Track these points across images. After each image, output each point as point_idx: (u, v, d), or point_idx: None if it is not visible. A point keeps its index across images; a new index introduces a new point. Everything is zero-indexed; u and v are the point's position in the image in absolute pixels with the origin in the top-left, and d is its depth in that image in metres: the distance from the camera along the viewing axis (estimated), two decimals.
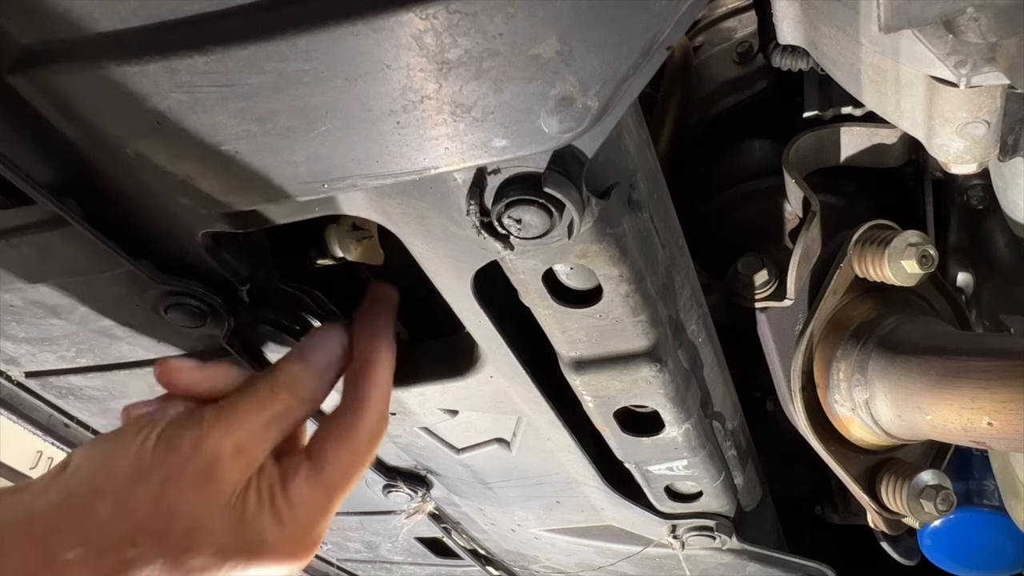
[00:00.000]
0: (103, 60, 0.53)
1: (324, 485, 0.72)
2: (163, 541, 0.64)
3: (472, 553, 1.53)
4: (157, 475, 0.65)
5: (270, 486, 0.70)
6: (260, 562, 0.69)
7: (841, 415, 1.02)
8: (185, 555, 0.65)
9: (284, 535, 0.70)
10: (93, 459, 0.66)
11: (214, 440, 0.66)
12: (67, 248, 0.73)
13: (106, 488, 0.64)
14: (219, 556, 0.66)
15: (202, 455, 0.66)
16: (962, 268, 1.21)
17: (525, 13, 0.48)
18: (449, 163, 0.56)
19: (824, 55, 0.81)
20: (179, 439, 0.66)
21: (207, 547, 0.66)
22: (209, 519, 0.66)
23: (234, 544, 0.67)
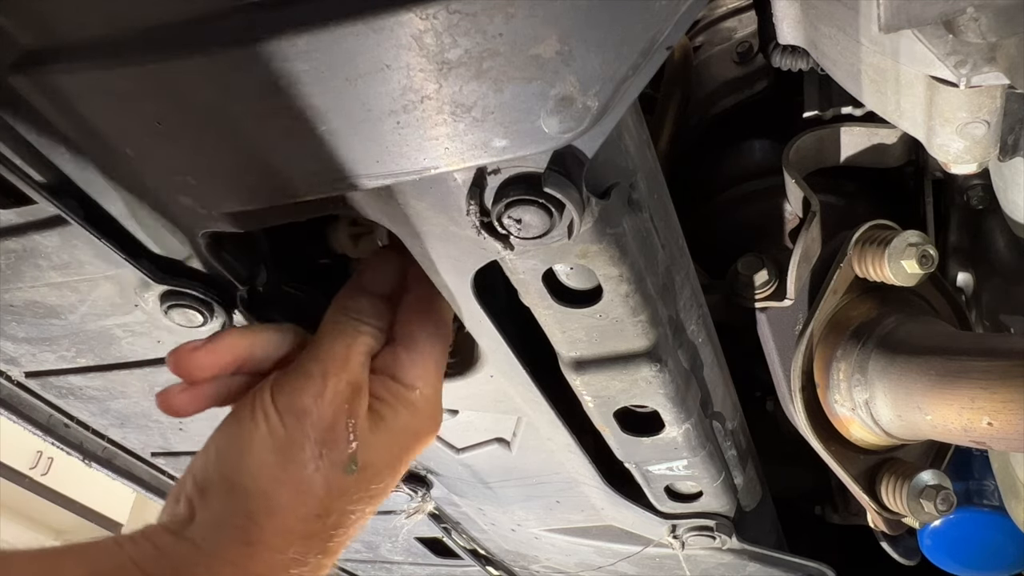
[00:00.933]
0: (103, 60, 0.53)
1: (425, 358, 0.75)
2: (347, 493, 0.68)
3: (472, 553, 1.53)
4: (306, 442, 0.66)
5: (385, 386, 0.73)
6: (416, 446, 0.75)
7: (841, 415, 1.02)
8: (370, 490, 0.70)
9: (420, 415, 0.74)
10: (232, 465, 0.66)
11: (331, 388, 0.68)
12: (67, 248, 0.73)
13: (268, 481, 0.65)
14: (391, 467, 0.72)
15: (331, 405, 0.68)
16: (962, 268, 1.21)
17: (525, 13, 0.48)
18: (449, 163, 0.56)
19: (824, 55, 0.81)
20: (300, 402, 0.67)
21: (379, 469, 0.71)
22: (367, 453, 0.69)
23: (395, 450, 0.73)
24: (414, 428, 0.74)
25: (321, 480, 0.66)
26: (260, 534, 0.64)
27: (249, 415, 0.67)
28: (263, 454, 0.66)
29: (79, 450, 1.24)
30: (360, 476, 0.69)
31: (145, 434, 1.20)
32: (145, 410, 1.11)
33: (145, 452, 1.28)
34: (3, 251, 0.74)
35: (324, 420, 0.67)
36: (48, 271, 0.77)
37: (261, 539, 0.64)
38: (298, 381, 0.68)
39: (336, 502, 0.67)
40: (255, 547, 0.64)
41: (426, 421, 0.76)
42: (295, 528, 0.65)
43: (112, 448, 1.26)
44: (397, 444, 0.73)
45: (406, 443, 0.74)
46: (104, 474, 1.33)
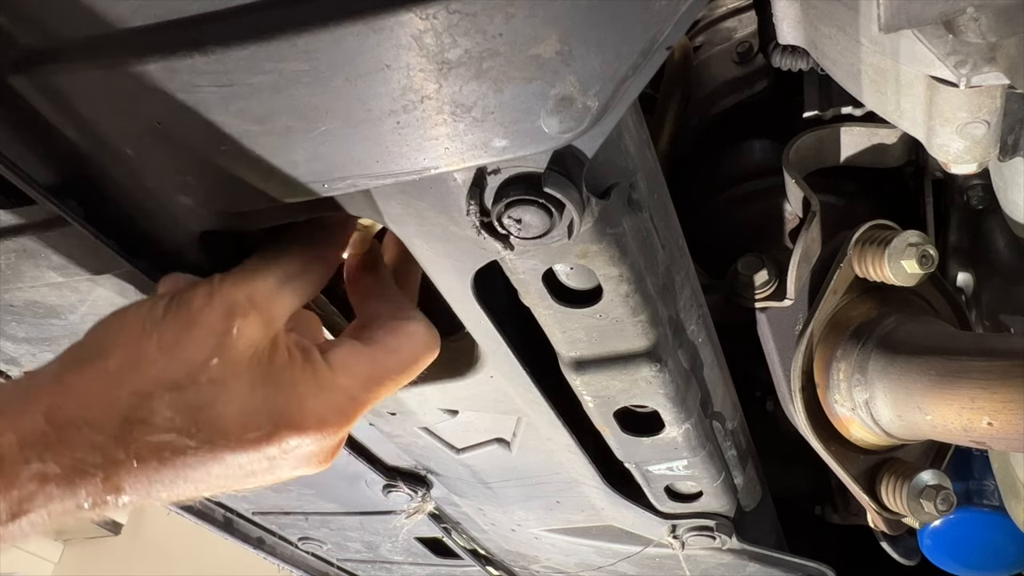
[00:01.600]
0: (103, 60, 0.53)
1: (370, 358, 0.67)
2: (177, 393, 0.58)
3: (472, 553, 1.53)
4: (169, 328, 0.60)
5: (305, 348, 0.64)
6: (288, 425, 0.62)
7: (841, 415, 1.02)
8: (203, 411, 0.59)
9: (318, 396, 0.63)
10: (106, 323, 0.62)
11: (226, 291, 0.62)
12: (67, 248, 0.73)
13: (116, 343, 0.60)
14: (241, 414, 0.60)
15: (214, 306, 0.61)
16: (962, 268, 1.21)
17: (525, 13, 0.48)
18: (449, 163, 0.56)
19: (824, 55, 0.81)
20: (189, 294, 0.62)
21: (227, 402, 0.60)
22: (228, 370, 0.60)
23: (258, 402, 0.61)
24: (301, 406, 0.62)
25: (159, 365, 0.58)
26: (70, 376, 0.58)
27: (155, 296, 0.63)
28: (131, 320, 0.61)
29: None
30: (202, 390, 0.59)
31: None
32: None
33: None
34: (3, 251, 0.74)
35: (199, 315, 0.60)
36: (48, 271, 0.77)
37: (68, 381, 0.58)
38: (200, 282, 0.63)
39: (160, 394, 0.58)
40: (61, 386, 0.58)
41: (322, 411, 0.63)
42: (103, 392, 0.57)
43: None
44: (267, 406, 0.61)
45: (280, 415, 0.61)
46: None
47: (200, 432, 0.59)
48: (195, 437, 0.59)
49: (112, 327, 0.62)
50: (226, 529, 1.54)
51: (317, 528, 1.54)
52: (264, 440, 0.61)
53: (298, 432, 0.62)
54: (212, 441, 0.59)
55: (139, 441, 0.57)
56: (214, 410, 0.59)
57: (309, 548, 1.64)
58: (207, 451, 0.59)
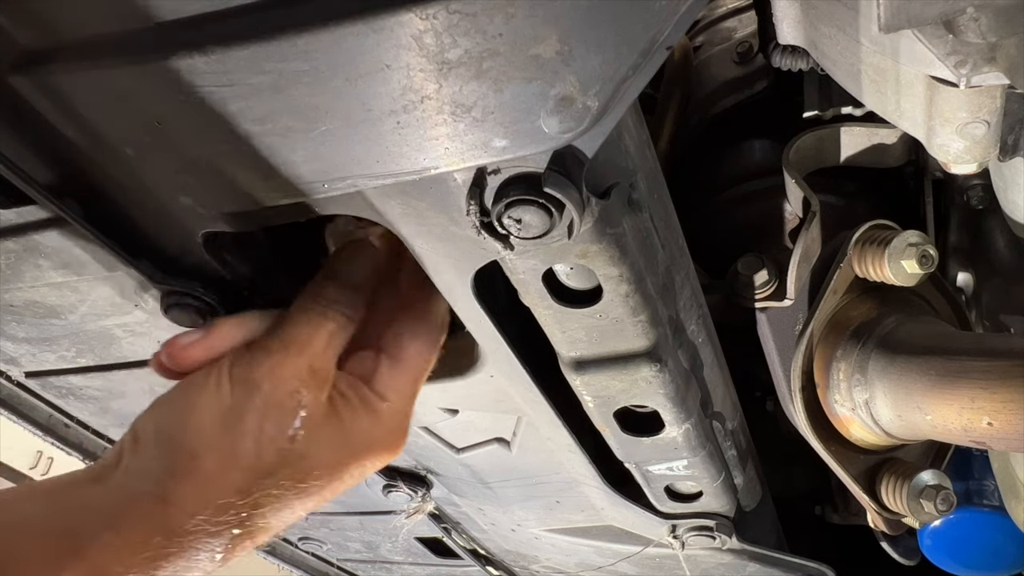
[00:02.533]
0: (103, 60, 0.53)
1: (406, 372, 0.74)
2: (277, 475, 0.65)
3: (472, 553, 1.53)
4: (249, 414, 0.65)
5: (353, 388, 0.71)
6: (368, 458, 0.72)
7: (841, 415, 1.02)
8: (304, 481, 0.67)
9: (382, 427, 0.72)
10: (170, 421, 0.65)
11: (290, 366, 0.67)
12: (67, 248, 0.73)
13: (200, 444, 0.63)
14: (333, 468, 0.69)
15: (283, 383, 0.66)
16: (962, 268, 1.21)
17: (525, 13, 0.48)
18: (449, 163, 0.56)
19: (824, 55, 0.81)
20: (254, 374, 0.66)
21: (320, 465, 0.68)
22: (312, 440, 0.67)
23: (343, 452, 0.69)
24: (370, 437, 0.72)
25: (252, 454, 0.64)
26: (175, 492, 0.62)
27: (203, 379, 0.66)
28: (204, 415, 0.64)
29: (79, 450, 1.24)
30: (296, 463, 0.66)
31: None
32: None
33: None
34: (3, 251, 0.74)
35: (272, 396, 0.65)
36: (48, 271, 0.77)
37: (174, 497, 0.62)
38: (256, 355, 0.67)
39: (262, 481, 0.65)
40: (167, 504, 0.62)
41: (386, 435, 0.73)
42: (213, 495, 0.63)
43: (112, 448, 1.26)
44: (347, 446, 0.70)
45: (357, 449, 0.71)
46: None
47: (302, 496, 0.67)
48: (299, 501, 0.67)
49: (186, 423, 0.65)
50: None
51: (317, 528, 1.54)
52: (352, 477, 0.71)
53: (373, 456, 0.72)
54: (313, 496, 0.68)
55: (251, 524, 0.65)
56: (310, 476, 0.67)
57: (309, 548, 1.64)
58: (310, 503, 0.69)
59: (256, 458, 0.64)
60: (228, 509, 0.63)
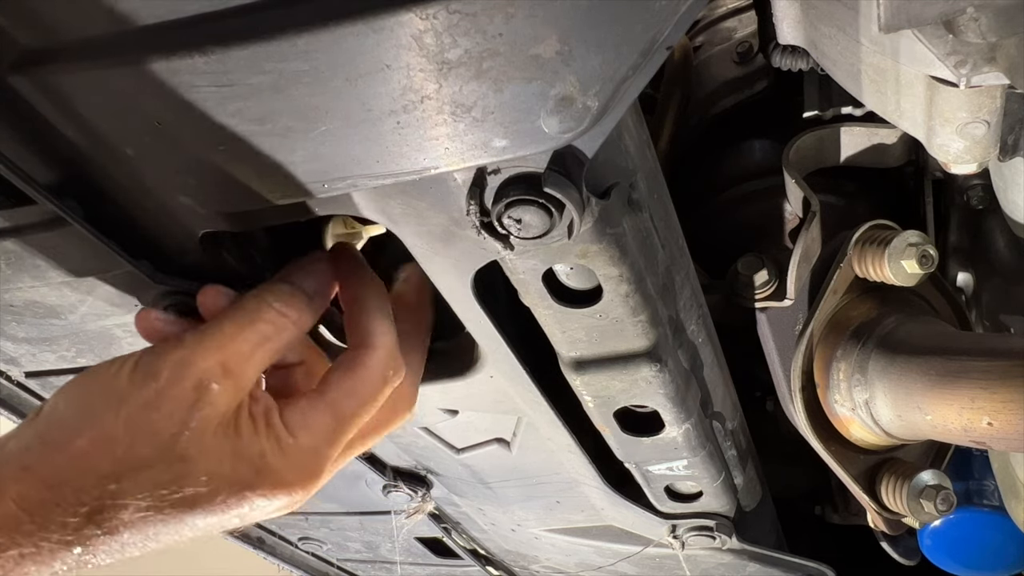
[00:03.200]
0: (103, 60, 0.53)
1: (329, 409, 0.67)
2: (147, 472, 0.59)
3: (472, 553, 1.53)
4: (135, 402, 0.60)
5: (266, 411, 0.65)
6: (258, 491, 0.63)
7: (841, 415, 1.02)
8: (173, 486, 0.60)
9: (284, 461, 0.64)
10: (68, 396, 0.62)
11: (198, 360, 0.62)
12: (67, 248, 0.73)
13: (81, 422, 0.60)
14: (212, 486, 0.61)
15: (185, 377, 0.61)
16: (962, 268, 1.21)
17: (525, 13, 0.48)
18: (449, 163, 0.56)
19: (824, 55, 0.81)
20: (158, 364, 0.61)
21: (197, 476, 0.61)
22: (197, 446, 0.61)
23: (227, 472, 0.62)
24: (266, 467, 0.63)
25: (126, 442, 0.59)
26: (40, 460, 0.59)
27: (112, 360, 0.63)
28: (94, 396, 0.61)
29: None
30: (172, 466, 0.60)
31: None
32: None
33: None
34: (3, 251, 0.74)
35: (168, 388, 0.60)
36: (48, 271, 0.77)
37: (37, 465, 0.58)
38: (168, 344, 0.63)
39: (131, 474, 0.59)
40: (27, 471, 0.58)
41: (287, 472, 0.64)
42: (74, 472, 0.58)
43: None
44: (235, 469, 0.62)
45: (247, 477, 0.63)
46: None
47: (170, 505, 0.60)
48: (165, 510, 0.60)
49: (77, 402, 0.62)
50: None
51: (317, 528, 1.54)
52: (234, 505, 0.63)
53: (266, 495, 0.64)
54: (181, 510, 0.61)
55: (111, 519, 0.59)
56: (184, 484, 0.60)
57: (309, 548, 1.64)
58: (177, 518, 0.61)
59: (128, 447, 0.59)
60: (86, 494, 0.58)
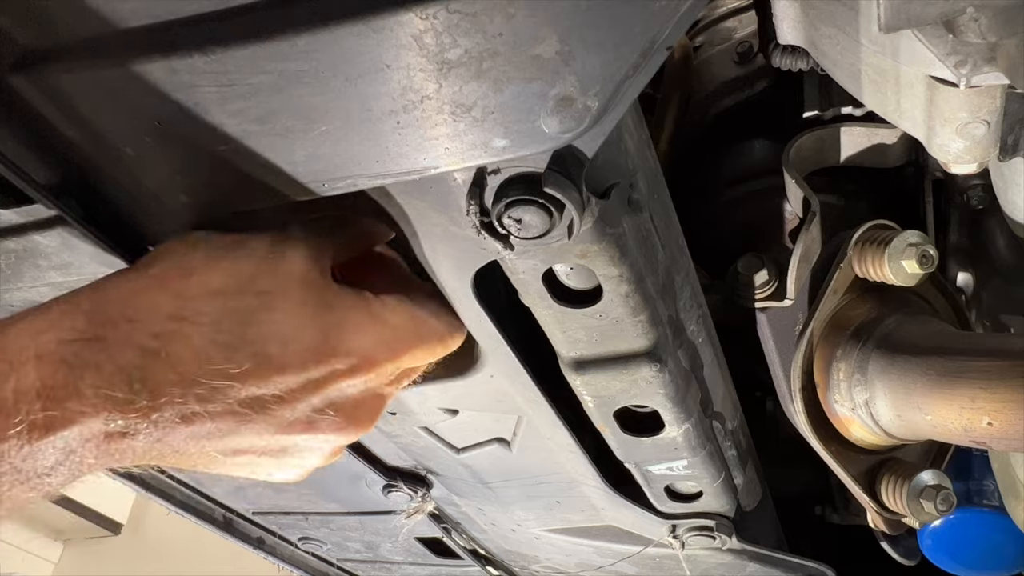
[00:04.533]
0: (103, 60, 0.53)
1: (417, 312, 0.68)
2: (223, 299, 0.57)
3: (472, 553, 1.53)
4: (216, 244, 0.60)
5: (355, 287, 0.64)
6: (336, 350, 0.60)
7: (841, 415, 1.02)
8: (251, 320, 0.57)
9: (367, 328, 0.62)
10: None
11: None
12: (67, 248, 0.73)
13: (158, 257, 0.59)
14: (289, 329, 0.58)
15: (262, 233, 0.61)
16: (962, 268, 1.21)
17: (525, 13, 0.48)
18: (449, 163, 0.56)
19: (824, 55, 0.81)
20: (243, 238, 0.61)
21: (274, 314, 0.57)
22: (275, 285, 0.58)
23: (306, 319, 0.59)
24: (349, 331, 0.60)
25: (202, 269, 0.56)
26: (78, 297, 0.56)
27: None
28: (177, 238, 0.60)
29: None
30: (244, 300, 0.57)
31: None
32: None
33: None
34: (3, 251, 0.74)
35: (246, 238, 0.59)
36: (48, 271, 0.77)
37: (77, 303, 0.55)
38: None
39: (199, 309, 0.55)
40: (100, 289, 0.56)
41: (374, 340, 0.62)
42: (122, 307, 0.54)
43: None
44: (318, 321, 0.58)
45: (330, 330, 0.59)
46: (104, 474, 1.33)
47: (246, 344, 0.56)
48: (241, 349, 0.55)
49: (158, 248, 0.60)
50: (226, 529, 1.54)
51: (317, 528, 1.54)
52: (312, 361, 0.58)
53: (345, 357, 0.60)
54: (257, 355, 0.56)
55: (184, 343, 0.54)
56: (261, 321, 0.56)
57: (309, 548, 1.64)
58: (252, 369, 0.56)
59: (206, 277, 0.57)
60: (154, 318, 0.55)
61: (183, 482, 1.38)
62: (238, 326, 0.56)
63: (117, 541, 5.17)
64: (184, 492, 1.41)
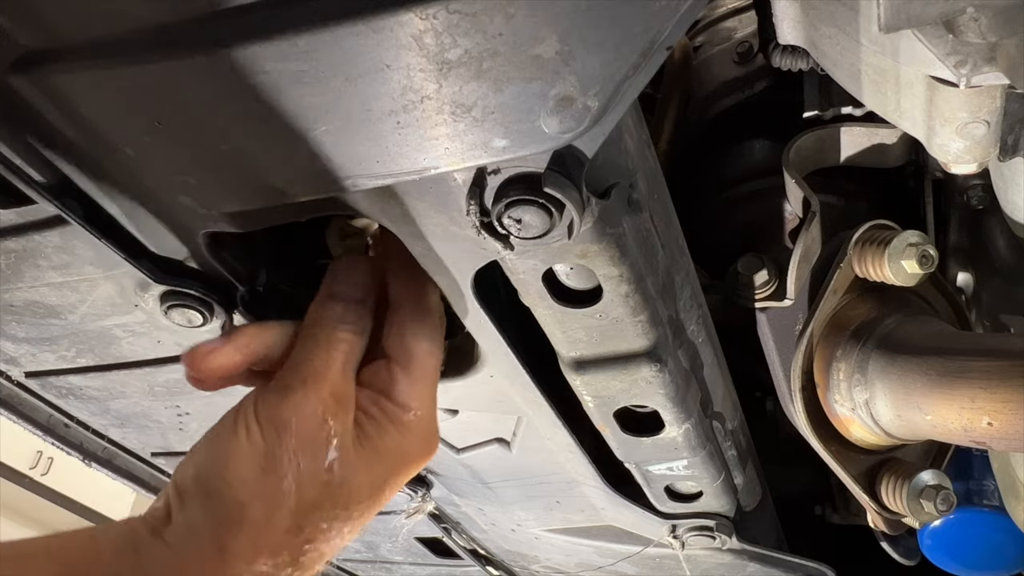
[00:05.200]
0: (103, 60, 0.53)
1: (421, 376, 0.73)
2: (322, 507, 0.66)
3: (472, 553, 1.53)
4: (284, 455, 0.65)
5: (376, 404, 0.71)
6: (404, 470, 0.73)
7: (841, 415, 1.02)
8: (347, 507, 0.68)
9: (413, 437, 0.72)
10: (211, 472, 0.66)
11: (313, 399, 0.67)
12: (67, 248, 0.73)
13: (244, 492, 0.64)
14: (373, 488, 0.70)
15: (310, 417, 0.67)
16: (962, 268, 1.21)
17: (525, 13, 0.48)
18: (449, 163, 0.56)
19: (824, 55, 0.81)
20: (280, 414, 0.66)
21: (360, 487, 0.69)
22: (349, 464, 0.68)
23: (379, 470, 0.70)
24: (403, 450, 0.72)
25: (295, 493, 0.65)
26: (231, 543, 0.64)
27: (231, 427, 0.67)
28: (241, 464, 0.65)
29: (79, 450, 1.24)
30: (337, 492, 0.67)
31: (145, 434, 1.20)
32: (145, 410, 1.11)
33: (145, 452, 1.28)
34: (3, 251, 0.74)
35: (303, 431, 0.66)
36: (48, 271, 0.77)
37: (232, 548, 0.63)
38: (279, 394, 0.68)
39: (309, 516, 0.66)
40: (225, 555, 0.63)
41: (419, 445, 0.73)
42: (266, 540, 0.64)
43: (112, 448, 1.26)
44: (382, 465, 0.71)
45: (393, 466, 0.72)
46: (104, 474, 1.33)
47: (346, 516, 0.68)
48: (345, 521, 0.68)
49: (226, 479, 0.65)
50: None
51: None
52: (390, 488, 0.72)
53: (409, 467, 0.73)
54: (354, 513, 0.69)
55: (303, 560, 0.66)
56: (351, 499, 0.68)
57: None
58: (353, 520, 0.69)
59: (299, 495, 0.65)
60: (282, 549, 0.65)
61: None
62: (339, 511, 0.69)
63: None
64: None
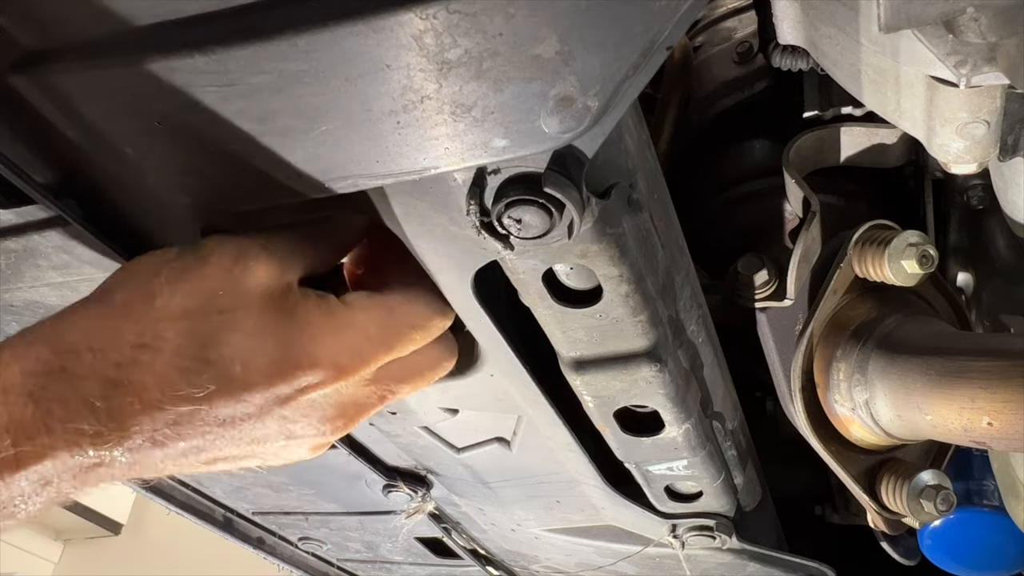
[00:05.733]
0: (103, 60, 0.53)
1: (388, 304, 0.65)
2: (185, 321, 0.57)
3: (472, 553, 1.53)
4: (178, 265, 0.59)
5: (319, 295, 0.62)
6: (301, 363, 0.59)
7: (841, 415, 1.02)
8: (213, 342, 0.57)
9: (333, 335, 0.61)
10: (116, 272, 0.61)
11: (240, 237, 0.61)
12: (67, 248, 0.73)
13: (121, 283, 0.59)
14: (252, 347, 0.58)
15: (225, 247, 0.60)
16: (962, 268, 1.21)
17: (525, 13, 0.48)
18: (449, 163, 0.56)
19: (824, 55, 0.81)
20: (203, 241, 0.61)
21: (236, 334, 0.57)
22: (237, 303, 0.58)
23: (268, 334, 0.58)
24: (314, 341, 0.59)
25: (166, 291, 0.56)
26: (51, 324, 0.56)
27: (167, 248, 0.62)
28: (139, 260, 0.60)
29: None
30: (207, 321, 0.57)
31: None
32: None
33: None
34: (3, 251, 0.74)
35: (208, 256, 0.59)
36: (48, 271, 0.77)
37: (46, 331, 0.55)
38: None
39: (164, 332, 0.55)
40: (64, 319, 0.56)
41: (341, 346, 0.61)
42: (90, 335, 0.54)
43: None
44: (280, 336, 0.58)
45: (294, 343, 0.59)
46: None
47: (210, 366, 0.56)
48: (204, 372, 0.56)
49: (121, 272, 0.60)
50: (226, 529, 1.54)
51: (317, 528, 1.54)
52: (276, 377, 0.58)
53: (311, 369, 0.59)
54: (220, 377, 0.56)
55: (146, 370, 0.54)
56: (223, 342, 0.56)
57: (309, 548, 1.64)
58: (218, 391, 0.56)
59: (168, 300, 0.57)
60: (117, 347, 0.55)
61: (183, 482, 1.39)
62: (200, 349, 0.56)
63: (117, 541, 5.17)
64: (184, 492, 1.41)
